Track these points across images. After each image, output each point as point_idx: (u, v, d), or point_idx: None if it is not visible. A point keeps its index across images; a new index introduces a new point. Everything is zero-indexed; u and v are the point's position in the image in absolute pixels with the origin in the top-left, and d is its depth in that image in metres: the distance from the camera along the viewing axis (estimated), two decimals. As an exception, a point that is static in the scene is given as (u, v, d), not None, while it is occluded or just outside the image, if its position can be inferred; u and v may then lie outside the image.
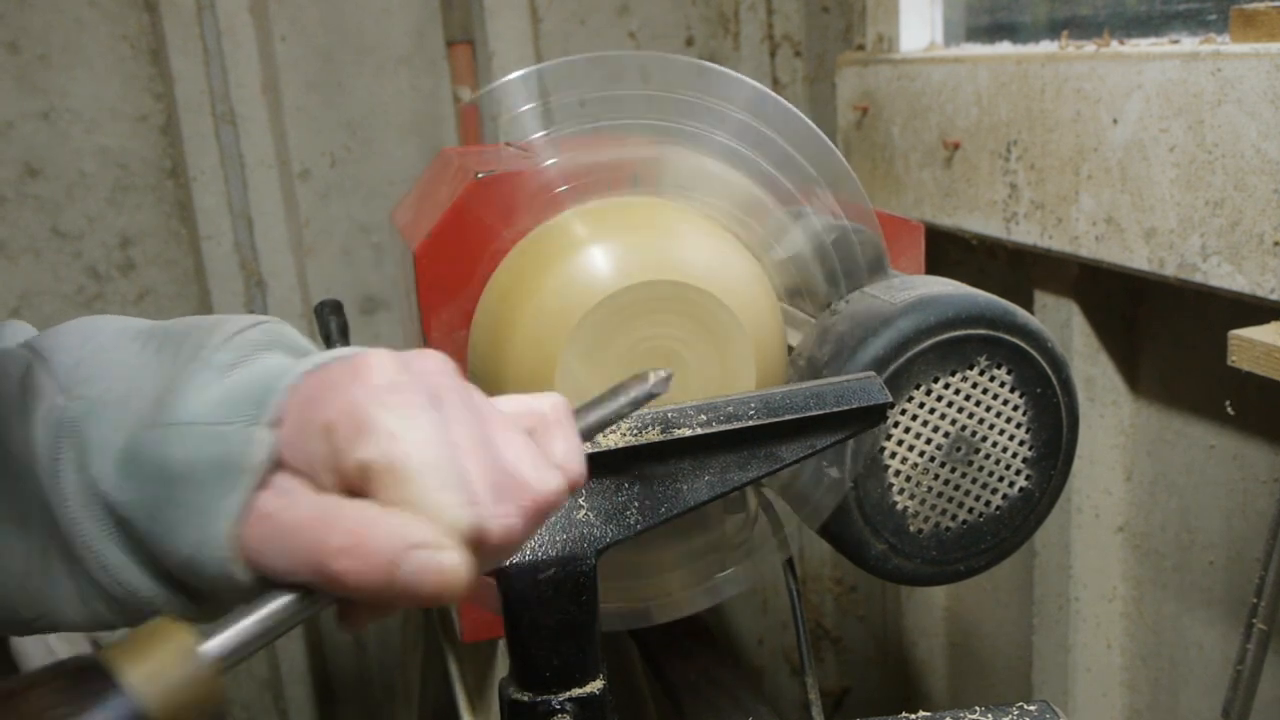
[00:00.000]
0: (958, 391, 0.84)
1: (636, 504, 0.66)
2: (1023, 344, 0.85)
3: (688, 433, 0.67)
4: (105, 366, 0.54)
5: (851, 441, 0.77)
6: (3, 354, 0.59)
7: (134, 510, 0.50)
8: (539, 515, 0.50)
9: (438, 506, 0.46)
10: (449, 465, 0.47)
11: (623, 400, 0.57)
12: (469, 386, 0.52)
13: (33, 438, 0.53)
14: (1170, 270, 1.14)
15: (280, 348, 0.55)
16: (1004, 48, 1.55)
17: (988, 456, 0.86)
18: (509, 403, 0.55)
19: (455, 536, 0.46)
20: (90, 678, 0.42)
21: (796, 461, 0.70)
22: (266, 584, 0.48)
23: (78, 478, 0.51)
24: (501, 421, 0.52)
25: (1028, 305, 1.43)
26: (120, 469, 0.50)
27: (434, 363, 0.52)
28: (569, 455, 0.53)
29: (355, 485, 0.47)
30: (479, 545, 0.47)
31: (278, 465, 0.49)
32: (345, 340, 1.18)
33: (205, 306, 1.94)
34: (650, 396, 0.58)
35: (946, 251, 1.68)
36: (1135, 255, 1.18)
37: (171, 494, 0.49)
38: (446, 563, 0.45)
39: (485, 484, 0.48)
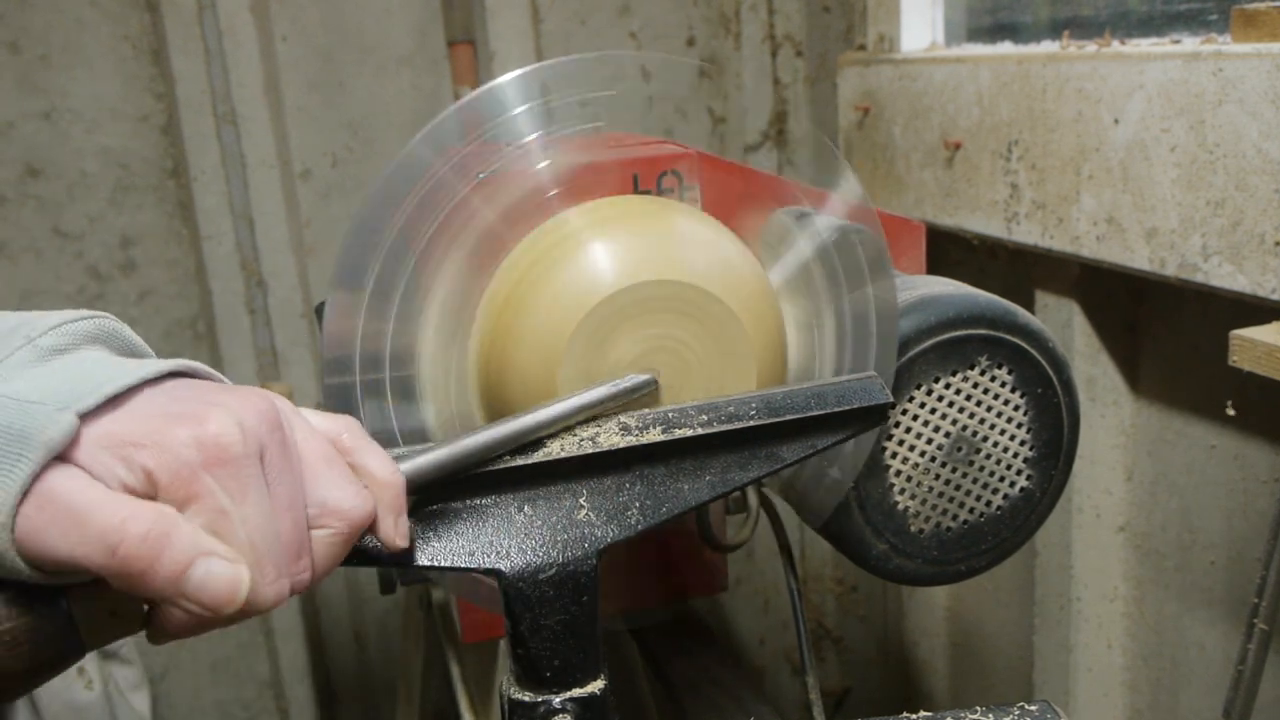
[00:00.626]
0: (959, 391, 0.84)
1: (638, 504, 0.66)
2: (1024, 344, 0.85)
3: (689, 433, 0.67)
4: None
5: (852, 441, 0.77)
6: None
7: None
8: (355, 534, 0.56)
9: (250, 582, 0.51)
10: (267, 545, 0.51)
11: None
12: (289, 422, 0.55)
13: None
14: (1171, 270, 1.14)
15: (109, 345, 0.57)
16: (1005, 48, 1.55)
17: (989, 456, 0.86)
18: (315, 419, 0.58)
19: (257, 604, 0.51)
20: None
21: (797, 461, 0.70)
22: (37, 570, 0.49)
23: None
24: (316, 455, 0.56)
25: (1029, 305, 1.43)
26: None
27: (259, 410, 0.53)
28: (381, 467, 0.58)
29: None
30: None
31: (73, 462, 0.49)
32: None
33: (206, 306, 1.94)
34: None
35: (947, 251, 1.68)
36: (1136, 255, 1.18)
37: None
38: (239, 577, 0.50)
39: (293, 544, 0.53)
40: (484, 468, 0.64)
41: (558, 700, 0.64)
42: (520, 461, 0.65)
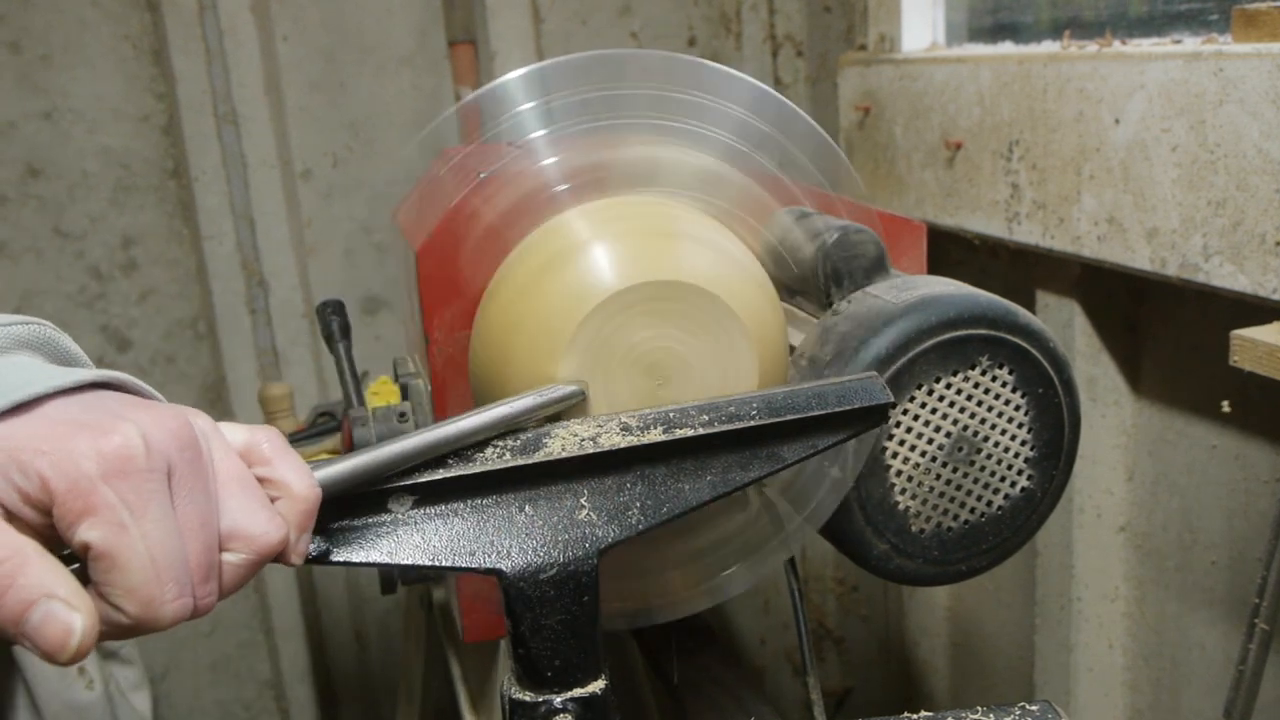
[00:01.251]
0: (959, 391, 0.84)
1: (639, 504, 0.66)
2: (1024, 344, 0.85)
3: (690, 433, 0.67)
4: None
5: (853, 441, 0.77)
6: None
7: None
8: (265, 560, 0.55)
9: (148, 599, 0.50)
10: (168, 561, 0.50)
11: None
12: (205, 443, 0.54)
13: None
14: (1172, 270, 1.14)
15: (43, 352, 0.57)
16: (1006, 48, 1.55)
17: (989, 456, 0.86)
18: (234, 433, 0.58)
19: (156, 621, 0.51)
20: None
21: (798, 461, 0.70)
22: None
23: None
24: (229, 474, 0.55)
25: (1029, 305, 1.43)
26: None
27: (170, 428, 0.52)
28: (298, 480, 0.57)
29: (38, 526, 0.49)
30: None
31: None
32: (347, 340, 1.18)
33: (207, 306, 1.94)
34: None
35: (948, 251, 1.68)
36: (1137, 255, 1.18)
37: None
38: (74, 624, 0.48)
39: (202, 566, 0.52)
40: (484, 466, 0.64)
41: (559, 700, 0.64)
42: (521, 461, 0.65)
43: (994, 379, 0.85)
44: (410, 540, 0.63)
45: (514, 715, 0.64)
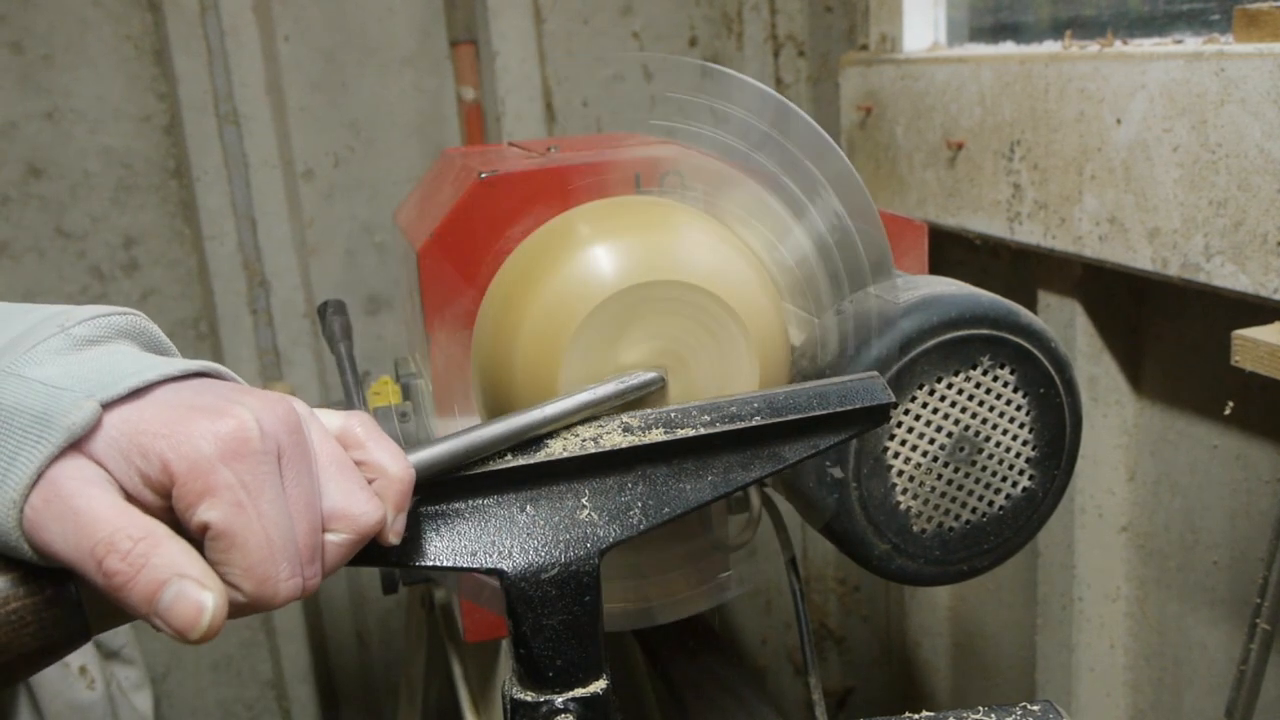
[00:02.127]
0: (961, 391, 0.84)
1: (640, 504, 0.66)
2: (1026, 344, 0.85)
3: (691, 433, 0.67)
4: None
5: (855, 441, 0.77)
6: None
7: None
8: (365, 540, 0.57)
9: (264, 577, 0.51)
10: (282, 540, 0.52)
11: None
12: (307, 425, 0.56)
13: None
14: (1174, 270, 1.14)
15: (139, 341, 0.58)
16: (1007, 48, 1.55)
17: (991, 456, 0.86)
18: (329, 418, 0.59)
19: (272, 599, 0.52)
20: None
21: (800, 461, 0.70)
22: (42, 557, 0.50)
23: None
24: (329, 457, 0.56)
25: (1031, 305, 1.43)
26: None
27: (278, 413, 0.54)
28: (392, 461, 0.58)
29: (156, 509, 0.50)
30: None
31: (89, 454, 0.50)
32: (349, 340, 1.18)
33: (209, 306, 1.94)
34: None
35: (950, 251, 1.68)
36: (1139, 255, 1.18)
37: None
38: (206, 602, 0.49)
39: (309, 546, 0.54)
40: (486, 466, 0.64)
41: (560, 700, 0.64)
42: (523, 461, 0.65)
43: (995, 379, 0.85)
44: (411, 540, 0.63)
45: (515, 715, 0.64)
